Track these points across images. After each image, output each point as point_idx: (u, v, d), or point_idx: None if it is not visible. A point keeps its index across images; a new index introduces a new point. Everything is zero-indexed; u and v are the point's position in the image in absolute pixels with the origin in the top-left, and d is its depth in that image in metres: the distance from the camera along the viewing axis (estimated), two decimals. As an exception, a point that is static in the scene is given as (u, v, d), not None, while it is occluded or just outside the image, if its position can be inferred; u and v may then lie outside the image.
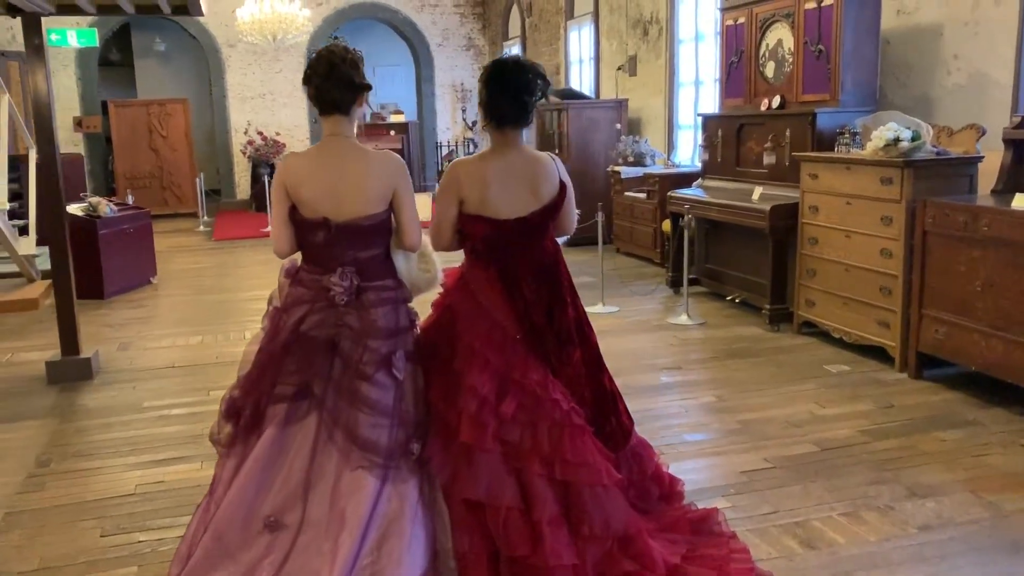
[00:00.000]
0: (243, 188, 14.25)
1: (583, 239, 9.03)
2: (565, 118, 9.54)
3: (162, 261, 8.89)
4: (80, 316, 5.25)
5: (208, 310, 6.98)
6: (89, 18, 12.89)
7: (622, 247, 9.02)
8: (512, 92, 2.73)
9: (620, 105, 9.66)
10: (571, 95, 10.10)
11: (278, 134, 14.11)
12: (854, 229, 5.02)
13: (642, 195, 8.45)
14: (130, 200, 9.93)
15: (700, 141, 7.05)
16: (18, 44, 12.69)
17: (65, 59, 13.21)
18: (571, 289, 2.92)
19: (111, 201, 8.01)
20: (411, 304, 2.85)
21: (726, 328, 5.91)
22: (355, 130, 2.72)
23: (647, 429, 3.96)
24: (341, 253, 2.64)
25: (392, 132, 13.68)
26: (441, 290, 2.91)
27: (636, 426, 3.77)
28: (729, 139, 6.60)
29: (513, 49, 14.04)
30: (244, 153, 13.91)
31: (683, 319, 6.08)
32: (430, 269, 2.90)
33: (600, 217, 6.71)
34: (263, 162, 13.58)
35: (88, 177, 13.53)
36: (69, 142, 13.32)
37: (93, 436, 4.14)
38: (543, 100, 2.85)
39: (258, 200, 12.96)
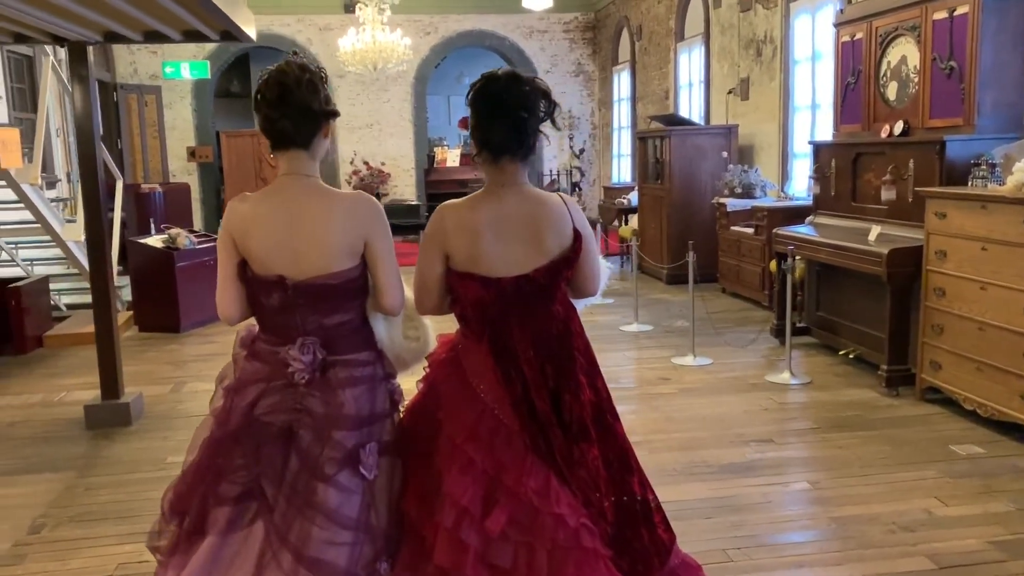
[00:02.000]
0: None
1: (683, 276, 8.35)
2: (668, 146, 8.85)
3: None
4: (150, 351, 5.02)
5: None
6: (203, 51, 13.22)
7: (728, 287, 8.23)
8: (504, 111, 2.16)
9: (729, 131, 8.90)
10: (676, 121, 9.40)
11: (383, 164, 14.02)
12: (991, 280, 4.15)
13: (750, 230, 7.66)
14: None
15: (811, 172, 6.24)
16: (138, 77, 13.15)
17: (182, 91, 13.56)
18: (589, 367, 2.30)
19: (193, 233, 7.91)
20: (396, 381, 2.32)
21: (834, 390, 5.08)
22: (316, 168, 2.21)
23: (717, 524, 3.28)
24: (302, 320, 2.13)
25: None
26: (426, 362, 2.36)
27: (705, 520, 3.12)
28: (844, 171, 5.78)
29: (623, 75, 13.45)
30: (349, 183, 13.87)
31: (784, 376, 5.29)
32: (419, 336, 2.35)
33: (692, 257, 5.99)
34: (369, 192, 13.49)
35: (201, 205, 13.83)
36: (183, 171, 13.65)
37: (99, 496, 3.80)
38: (547, 122, 2.27)
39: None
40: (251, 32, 4.80)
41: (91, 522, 3.53)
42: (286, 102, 2.08)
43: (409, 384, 2.36)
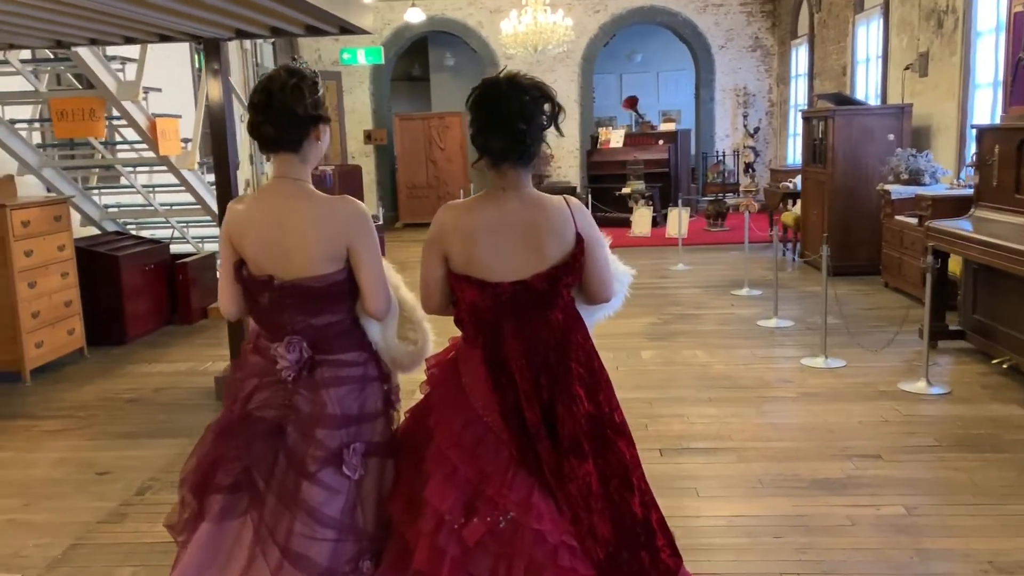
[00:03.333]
0: (514, 198, 14.37)
1: (854, 268, 7.80)
2: (832, 127, 8.25)
3: (401, 273, 9.10)
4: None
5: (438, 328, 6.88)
6: (379, 37, 13.79)
7: (890, 281, 7.60)
8: (502, 119, 2.10)
9: (902, 111, 8.16)
10: (843, 100, 8.75)
11: (547, 145, 14.01)
12: None
13: (913, 220, 7.00)
14: (380, 213, 10.26)
15: (969, 160, 5.61)
16: (322, 63, 13.93)
17: (361, 76, 14.23)
18: (589, 379, 2.21)
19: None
20: (395, 382, 2.34)
21: (974, 404, 4.57)
22: (307, 171, 2.25)
23: (783, 545, 3.06)
24: (290, 319, 2.20)
25: (660, 141, 12.98)
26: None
27: (773, 539, 2.95)
28: (1008, 158, 5.14)
29: (800, 49, 12.67)
30: (513, 164, 14.03)
31: (920, 385, 4.82)
32: (417, 339, 2.35)
33: (825, 251, 5.59)
34: (532, 174, 13.57)
35: (376, 186, 14.50)
36: (361, 153, 14.35)
37: (203, 465, 4.11)
38: (550, 128, 2.18)
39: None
40: (366, 25, 4.95)
41: (188, 489, 3.83)
42: (270, 107, 2.13)
43: (414, 385, 2.37)
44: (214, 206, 6.94)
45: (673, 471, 3.84)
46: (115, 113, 6.08)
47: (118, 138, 7.22)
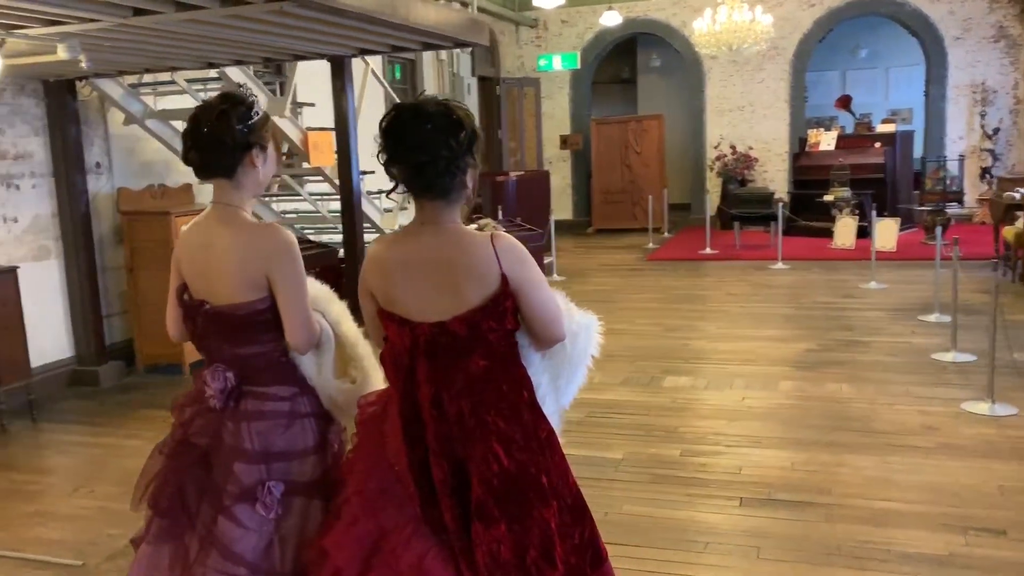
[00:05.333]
0: (714, 204, 13.78)
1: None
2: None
3: (576, 280, 9.05)
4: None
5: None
6: (580, 42, 13.78)
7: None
8: (403, 153, 1.94)
9: None
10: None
11: (751, 148, 13.29)
12: None
13: None
14: (552, 224, 10.18)
15: None
16: (524, 70, 14.16)
17: (561, 82, 14.25)
18: (511, 433, 1.99)
19: (504, 222, 8.35)
20: (335, 420, 2.26)
21: None
22: (244, 196, 2.21)
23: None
24: (217, 346, 2.20)
25: (877, 144, 11.83)
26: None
27: None
28: None
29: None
30: (711, 168, 13.43)
31: (1100, 447, 3.99)
32: (357, 378, 2.25)
33: (999, 270, 4.78)
34: (732, 178, 12.95)
35: (572, 192, 14.49)
36: (558, 159, 14.40)
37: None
38: (467, 159, 1.97)
39: (724, 218, 12.37)
40: (480, 40, 4.94)
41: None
42: (195, 134, 2.13)
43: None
44: (374, 213, 7.25)
45: (743, 525, 3.45)
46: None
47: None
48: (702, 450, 4.28)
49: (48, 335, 5.81)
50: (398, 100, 8.69)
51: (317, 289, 2.31)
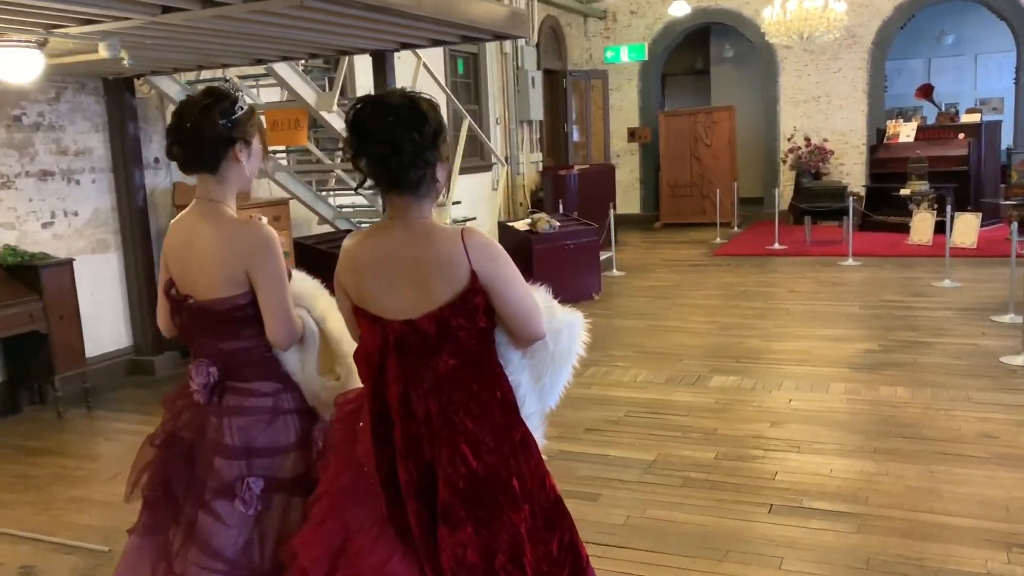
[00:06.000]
0: (786, 198, 13.37)
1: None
2: None
3: (636, 275, 8.89)
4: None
5: (631, 338, 6.62)
6: (649, 33, 13.55)
7: None
8: (366, 146, 1.90)
9: None
10: None
11: (826, 140, 12.82)
12: None
13: None
14: (612, 218, 10.00)
15: None
16: (593, 63, 14.00)
17: (630, 73, 14.05)
18: (481, 435, 1.93)
19: (561, 217, 8.26)
20: (319, 417, 2.24)
21: None
22: (227, 191, 2.20)
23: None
24: (201, 341, 2.21)
25: (961, 135, 11.27)
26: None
27: None
28: None
29: None
30: (784, 161, 13.02)
31: None
32: (340, 375, 2.22)
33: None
34: (806, 171, 12.52)
35: (640, 186, 14.27)
36: (626, 152, 14.20)
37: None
38: (434, 152, 1.91)
39: (795, 212, 11.98)
40: (521, 33, 4.88)
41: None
42: (178, 129, 2.13)
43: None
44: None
45: (769, 534, 3.30)
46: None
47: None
48: (739, 454, 4.13)
49: (107, 326, 6.01)
50: (449, 95, 8.68)
51: (304, 285, 2.30)
